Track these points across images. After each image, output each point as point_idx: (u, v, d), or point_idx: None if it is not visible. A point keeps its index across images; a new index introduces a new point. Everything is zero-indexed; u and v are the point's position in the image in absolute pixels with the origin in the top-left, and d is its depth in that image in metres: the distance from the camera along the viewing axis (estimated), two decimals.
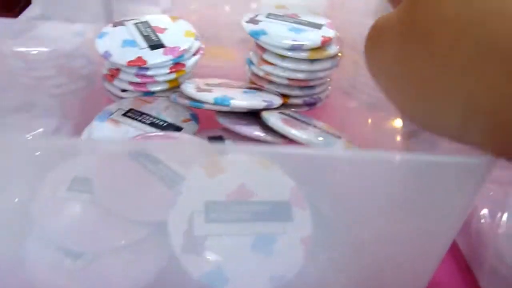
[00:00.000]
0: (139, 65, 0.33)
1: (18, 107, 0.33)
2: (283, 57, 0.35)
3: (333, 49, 0.36)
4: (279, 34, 0.35)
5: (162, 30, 0.35)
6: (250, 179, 0.22)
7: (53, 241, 0.23)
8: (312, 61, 0.35)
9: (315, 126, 0.33)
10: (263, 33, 0.35)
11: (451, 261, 0.32)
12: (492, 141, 0.15)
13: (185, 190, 0.22)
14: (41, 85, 0.34)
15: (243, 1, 0.44)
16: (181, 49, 0.34)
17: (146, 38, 0.34)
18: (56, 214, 0.23)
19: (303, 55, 0.34)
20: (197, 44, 0.36)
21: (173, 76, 0.34)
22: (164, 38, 0.34)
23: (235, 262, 0.22)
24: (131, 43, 0.34)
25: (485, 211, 0.31)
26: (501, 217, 0.30)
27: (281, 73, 0.36)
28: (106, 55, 0.33)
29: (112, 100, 0.36)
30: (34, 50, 0.34)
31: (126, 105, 0.34)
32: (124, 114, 0.33)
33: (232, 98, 0.31)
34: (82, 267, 0.23)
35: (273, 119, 0.30)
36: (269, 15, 0.37)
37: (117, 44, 0.34)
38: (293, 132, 0.29)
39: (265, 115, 0.31)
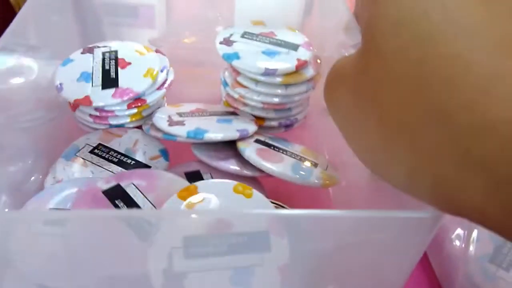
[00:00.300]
0: (85, 104, 0.31)
1: None
2: (256, 81, 0.33)
3: (309, 72, 0.34)
4: (252, 58, 0.33)
5: (126, 64, 0.33)
6: (229, 210, 0.22)
7: (29, 278, 0.23)
8: (286, 85, 0.33)
9: (292, 153, 0.32)
10: (236, 57, 0.33)
11: (425, 282, 0.33)
12: (435, 203, 0.16)
13: (163, 225, 0.21)
14: (12, 122, 0.32)
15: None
16: (133, 92, 0.31)
17: (105, 73, 0.32)
18: (31, 250, 0.22)
19: (277, 80, 0.33)
20: (161, 78, 0.33)
21: (134, 110, 0.32)
22: (122, 75, 0.32)
23: None
24: (86, 77, 0.32)
25: (457, 233, 0.32)
26: (471, 239, 0.31)
27: (255, 97, 0.34)
28: (59, 89, 0.32)
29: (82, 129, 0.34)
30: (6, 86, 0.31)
31: (94, 140, 0.33)
32: (92, 151, 0.32)
33: (206, 131, 0.30)
34: None
35: (248, 151, 0.30)
36: (244, 34, 0.36)
37: (74, 76, 0.32)
38: (268, 165, 0.29)
39: (241, 146, 0.31)
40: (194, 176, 0.31)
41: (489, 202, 0.13)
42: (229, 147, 0.32)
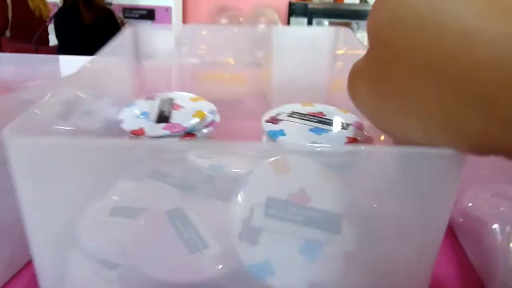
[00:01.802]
0: (139, 135, 0.35)
1: None
2: None
3: None
4: (298, 135, 0.33)
5: (179, 107, 0.38)
6: (311, 185, 0.24)
7: (93, 254, 0.27)
8: None
9: None
10: (282, 134, 0.33)
11: (463, 275, 0.33)
12: (449, 141, 0.19)
13: (250, 181, 0.24)
14: None
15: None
16: (181, 127, 0.36)
17: (160, 112, 0.37)
18: (97, 232, 0.28)
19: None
20: (209, 119, 0.38)
21: None
22: (175, 115, 0.37)
23: (283, 260, 0.23)
24: (145, 115, 0.37)
25: (495, 226, 0.32)
26: (510, 231, 0.31)
27: None
28: (120, 122, 0.37)
29: None
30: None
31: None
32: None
33: None
34: (118, 277, 0.26)
35: None
36: (292, 114, 0.36)
37: (135, 114, 0.38)
38: None
39: None
40: None
41: (489, 122, 0.17)
42: None
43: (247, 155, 0.38)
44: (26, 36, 1.96)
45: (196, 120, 0.36)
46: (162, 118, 0.36)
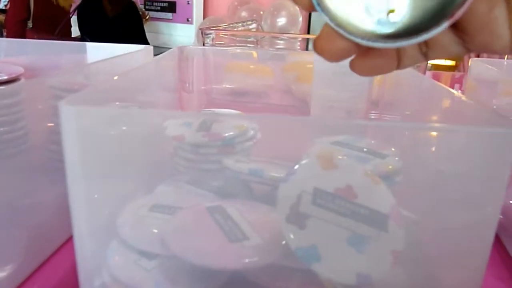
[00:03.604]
0: (179, 140, 0.38)
1: None
2: None
3: None
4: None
5: (221, 120, 0.40)
6: (358, 183, 0.25)
7: (132, 245, 0.29)
8: None
9: None
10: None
11: (504, 271, 0.35)
12: None
13: (299, 171, 0.25)
14: None
15: None
16: (220, 136, 0.37)
17: (202, 123, 0.39)
18: (138, 225, 0.31)
19: None
20: (250, 134, 0.39)
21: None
22: (216, 126, 0.39)
23: (330, 247, 0.24)
24: (188, 125, 0.39)
25: None
26: None
27: None
28: (165, 128, 0.39)
29: None
30: None
31: None
32: None
33: None
34: (156, 266, 0.28)
35: None
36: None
37: (179, 123, 0.40)
38: None
39: None
40: None
41: None
42: None
43: None
44: (48, 28, 2.00)
45: (235, 131, 0.37)
46: (204, 128, 0.38)
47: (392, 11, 0.19)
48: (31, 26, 1.98)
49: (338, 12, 0.20)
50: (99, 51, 0.57)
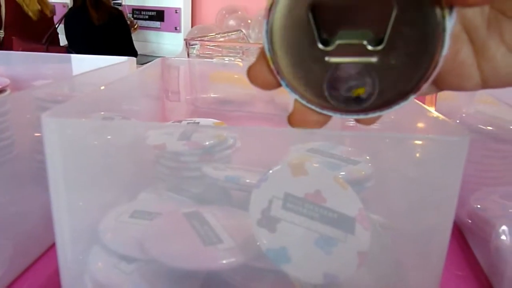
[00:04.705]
0: (161, 149, 0.39)
1: None
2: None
3: None
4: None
5: (201, 130, 0.42)
6: (327, 189, 0.27)
7: (112, 250, 0.30)
8: None
9: None
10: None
11: (472, 277, 0.35)
12: None
13: (270, 177, 0.27)
14: None
15: None
16: (200, 145, 0.39)
17: (183, 132, 0.41)
18: (118, 231, 0.32)
19: None
20: (229, 142, 0.41)
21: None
22: (196, 135, 0.40)
23: (299, 249, 0.26)
24: (170, 134, 0.41)
25: (504, 228, 0.33)
26: None
27: None
28: (146, 138, 0.40)
29: None
30: None
31: None
32: None
33: None
34: (135, 269, 0.30)
35: None
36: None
37: (159, 133, 0.41)
38: None
39: None
40: None
41: None
42: None
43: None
44: (22, 35, 1.94)
45: (215, 140, 0.39)
46: (185, 137, 0.39)
47: (360, 91, 0.21)
48: (3, 35, 1.94)
49: (307, 92, 0.22)
50: (84, 63, 0.59)
